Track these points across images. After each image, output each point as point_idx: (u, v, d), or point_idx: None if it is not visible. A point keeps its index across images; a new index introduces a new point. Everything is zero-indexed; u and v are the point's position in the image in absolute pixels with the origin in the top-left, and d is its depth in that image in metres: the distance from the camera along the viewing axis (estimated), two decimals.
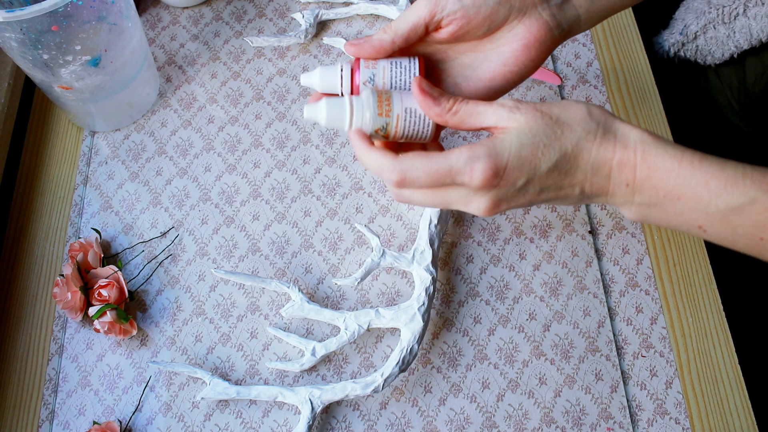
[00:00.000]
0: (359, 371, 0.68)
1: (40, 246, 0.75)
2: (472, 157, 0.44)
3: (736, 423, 0.66)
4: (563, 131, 0.45)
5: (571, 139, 0.45)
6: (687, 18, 0.97)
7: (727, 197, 0.44)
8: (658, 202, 0.45)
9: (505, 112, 0.46)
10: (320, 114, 0.49)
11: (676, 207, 0.45)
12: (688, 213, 0.45)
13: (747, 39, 0.91)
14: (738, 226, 0.44)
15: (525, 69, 0.52)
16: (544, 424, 0.65)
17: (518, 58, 0.51)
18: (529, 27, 0.51)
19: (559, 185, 0.46)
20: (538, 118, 0.45)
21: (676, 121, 0.84)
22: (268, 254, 0.73)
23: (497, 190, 0.45)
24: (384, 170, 0.47)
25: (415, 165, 0.46)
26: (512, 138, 0.45)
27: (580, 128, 0.45)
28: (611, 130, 0.46)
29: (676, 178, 0.44)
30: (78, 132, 0.82)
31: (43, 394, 0.67)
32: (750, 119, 1.01)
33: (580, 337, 0.69)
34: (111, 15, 0.68)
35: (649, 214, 0.46)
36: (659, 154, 0.45)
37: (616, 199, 0.46)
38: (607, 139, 0.45)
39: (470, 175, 0.44)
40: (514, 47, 0.51)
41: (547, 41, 0.51)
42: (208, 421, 0.65)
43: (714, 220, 0.44)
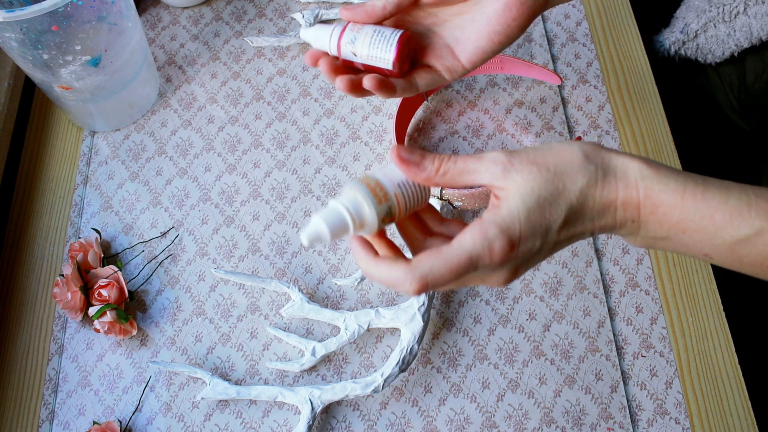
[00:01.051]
0: (359, 371, 0.68)
1: (40, 246, 0.75)
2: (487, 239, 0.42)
3: (736, 423, 0.66)
4: (564, 184, 0.44)
5: (574, 190, 0.44)
6: (688, 16, 0.97)
7: (733, 230, 0.43)
8: (663, 236, 0.45)
9: (499, 170, 0.44)
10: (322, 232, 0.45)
11: (681, 239, 0.44)
12: (694, 245, 0.44)
13: (747, 37, 0.91)
14: (745, 255, 0.44)
15: (509, 29, 0.53)
16: (544, 424, 0.65)
17: (500, 17, 0.52)
18: None
19: (570, 237, 0.45)
20: (535, 175, 0.44)
21: (676, 119, 0.84)
22: (268, 254, 0.73)
23: (515, 261, 0.44)
24: (401, 282, 0.43)
25: (434, 267, 0.42)
26: (517, 204, 0.43)
27: (581, 176, 0.44)
28: (610, 169, 0.45)
29: (680, 213, 0.43)
30: (78, 132, 0.82)
31: (43, 394, 0.67)
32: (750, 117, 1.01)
33: (580, 337, 0.69)
34: (111, 15, 0.68)
35: (655, 244, 0.46)
36: (661, 190, 0.44)
37: (622, 232, 0.46)
38: (608, 181, 0.44)
39: (490, 257, 0.42)
40: (496, 7, 0.52)
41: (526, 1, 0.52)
42: (208, 421, 0.65)
43: (720, 251, 0.44)
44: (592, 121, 0.80)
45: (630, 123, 0.80)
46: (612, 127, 0.80)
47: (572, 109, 0.81)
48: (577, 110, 0.81)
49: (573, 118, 0.81)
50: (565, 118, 0.80)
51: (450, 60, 0.55)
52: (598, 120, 0.80)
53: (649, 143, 0.79)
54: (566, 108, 0.81)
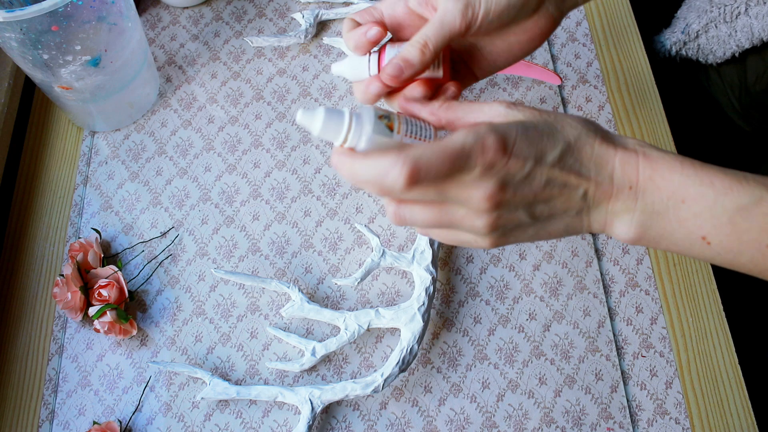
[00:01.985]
0: (359, 371, 0.68)
1: (40, 246, 0.75)
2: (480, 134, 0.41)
3: (736, 423, 0.66)
4: (563, 126, 0.44)
5: (572, 133, 0.44)
6: (689, 17, 0.97)
7: (734, 196, 0.42)
8: (661, 208, 0.44)
9: (502, 108, 0.45)
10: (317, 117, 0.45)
11: (679, 213, 0.43)
12: (692, 219, 0.43)
13: (749, 38, 0.91)
14: (744, 231, 0.43)
15: (526, 54, 0.55)
16: (544, 424, 0.65)
17: (522, 47, 0.54)
18: (537, 22, 0.53)
19: (563, 181, 0.44)
20: (536, 114, 0.45)
21: (677, 120, 0.84)
22: (268, 254, 0.73)
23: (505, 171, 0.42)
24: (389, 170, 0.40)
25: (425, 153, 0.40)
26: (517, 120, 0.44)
27: (580, 126, 0.45)
28: (609, 134, 0.45)
29: (680, 176, 0.43)
30: (78, 132, 0.82)
31: (43, 394, 0.67)
32: (751, 118, 1.01)
33: (580, 337, 0.69)
34: (111, 15, 0.68)
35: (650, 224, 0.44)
36: (659, 156, 0.44)
37: (617, 206, 0.45)
38: (606, 140, 0.45)
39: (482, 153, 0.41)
40: (521, 38, 0.53)
41: (550, 30, 0.54)
42: (208, 421, 0.65)
43: (719, 224, 0.43)
44: None
45: (630, 123, 0.80)
46: (612, 127, 0.80)
47: (572, 109, 0.81)
48: (577, 110, 0.81)
49: None
50: None
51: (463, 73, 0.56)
52: (598, 120, 0.80)
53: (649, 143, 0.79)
54: (566, 108, 0.81)
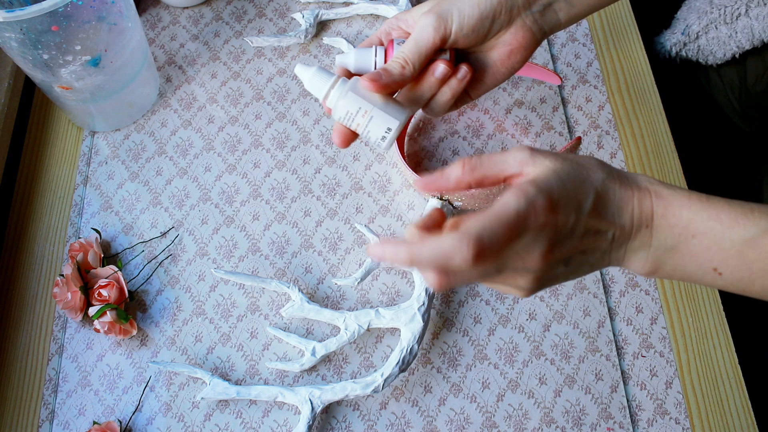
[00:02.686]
0: (359, 371, 0.68)
1: (40, 246, 0.75)
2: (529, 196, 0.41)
3: (736, 423, 0.66)
4: (588, 173, 0.45)
5: (597, 179, 0.45)
6: (689, 18, 0.97)
7: (740, 229, 0.44)
8: (673, 244, 0.45)
9: (526, 155, 0.45)
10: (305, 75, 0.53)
11: (690, 247, 0.45)
12: (703, 252, 0.45)
13: (749, 39, 0.91)
14: (754, 261, 0.44)
15: (510, 70, 0.57)
16: (544, 424, 0.65)
17: (504, 62, 0.56)
18: (515, 34, 0.55)
19: (596, 229, 0.45)
20: (561, 161, 0.45)
21: (677, 120, 0.84)
22: (268, 254, 0.73)
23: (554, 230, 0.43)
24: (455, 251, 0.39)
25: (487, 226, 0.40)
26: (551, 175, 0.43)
27: (600, 171, 0.45)
28: (622, 173, 0.47)
29: (689, 213, 0.44)
30: (78, 132, 0.82)
31: (43, 394, 0.67)
32: (751, 119, 1.01)
33: (580, 337, 0.69)
34: (111, 15, 0.68)
35: (664, 259, 0.46)
36: (669, 192, 0.45)
37: (635, 244, 0.46)
38: (623, 182, 0.46)
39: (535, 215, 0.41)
40: (501, 52, 0.56)
41: (530, 45, 0.56)
42: (208, 421, 0.65)
43: (729, 256, 0.44)
44: (592, 121, 0.80)
45: (630, 123, 0.80)
46: (612, 127, 0.80)
47: (572, 109, 0.81)
48: (577, 110, 0.81)
49: (573, 118, 0.81)
50: (565, 118, 0.80)
51: None
52: (598, 120, 0.80)
53: (649, 143, 0.79)
54: (566, 108, 0.81)
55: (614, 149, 0.78)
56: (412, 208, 0.75)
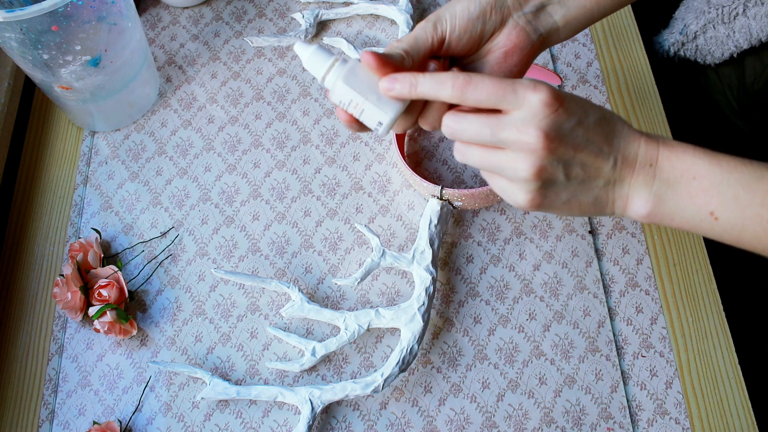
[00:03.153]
0: (359, 371, 0.68)
1: (40, 246, 0.75)
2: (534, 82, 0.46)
3: (736, 423, 0.66)
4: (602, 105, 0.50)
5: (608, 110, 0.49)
6: (687, 17, 0.97)
7: (738, 173, 0.47)
8: (674, 182, 0.48)
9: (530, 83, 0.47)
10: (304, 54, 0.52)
11: (690, 188, 0.48)
12: (702, 195, 0.48)
13: (747, 39, 0.91)
14: (747, 206, 0.47)
15: (510, 74, 0.56)
16: (544, 424, 0.65)
17: (501, 64, 0.56)
18: (508, 35, 0.55)
19: (599, 147, 0.48)
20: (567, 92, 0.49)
21: (676, 120, 0.84)
22: (268, 254, 0.73)
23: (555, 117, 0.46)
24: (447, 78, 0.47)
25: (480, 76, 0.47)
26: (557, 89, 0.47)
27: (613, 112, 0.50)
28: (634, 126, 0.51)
29: (692, 157, 0.48)
30: (78, 132, 0.82)
31: (43, 394, 0.67)
32: (749, 118, 1.01)
33: (580, 337, 0.69)
34: (111, 15, 0.68)
35: (665, 198, 0.49)
36: (677, 143, 0.49)
37: (638, 181, 0.49)
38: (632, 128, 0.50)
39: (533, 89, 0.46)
40: (497, 55, 0.55)
41: (526, 46, 0.55)
42: (208, 421, 0.65)
43: (725, 200, 0.47)
44: None
45: (630, 123, 0.80)
46: None
47: None
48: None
49: None
50: None
51: None
52: None
53: None
54: None
55: None
56: (412, 208, 0.75)
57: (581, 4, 0.56)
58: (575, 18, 0.57)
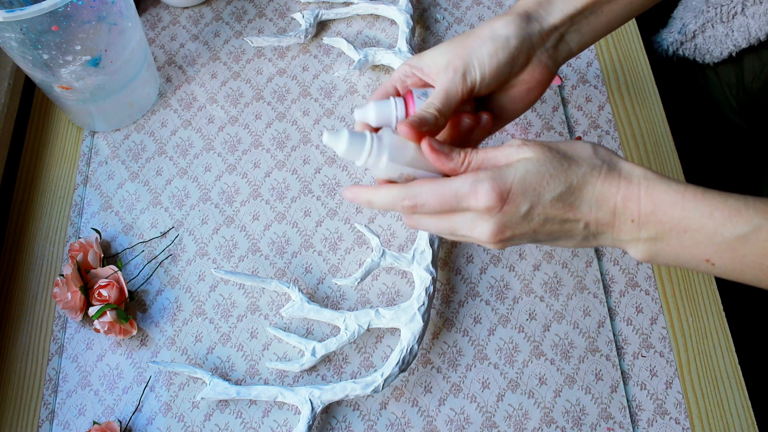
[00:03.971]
0: (359, 371, 0.68)
1: (40, 246, 0.75)
2: (476, 180, 0.47)
3: (736, 423, 0.66)
4: (569, 165, 0.47)
5: (576, 172, 0.47)
6: (685, 17, 0.97)
7: (732, 227, 0.45)
8: (664, 236, 0.46)
9: (513, 149, 0.48)
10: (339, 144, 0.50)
11: (682, 240, 0.46)
12: (695, 246, 0.46)
13: (745, 38, 0.91)
14: (745, 255, 0.45)
15: (528, 104, 0.58)
16: (544, 424, 0.65)
17: (523, 98, 0.57)
18: (532, 73, 0.55)
19: (563, 218, 0.48)
20: (545, 151, 0.48)
21: (676, 119, 0.84)
22: (268, 254, 0.73)
23: (501, 215, 0.47)
24: (396, 200, 0.49)
25: (424, 190, 0.48)
26: (518, 166, 0.47)
27: (586, 164, 0.47)
28: (616, 167, 0.48)
29: (681, 210, 0.45)
30: (78, 132, 0.82)
31: (43, 394, 0.67)
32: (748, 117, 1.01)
33: (580, 337, 0.69)
34: (111, 15, 0.68)
35: (657, 250, 0.48)
36: (663, 189, 0.46)
37: (622, 236, 0.48)
38: (611, 175, 0.47)
39: (475, 196, 0.47)
40: (519, 90, 0.56)
41: (547, 80, 0.57)
42: (208, 421, 0.65)
43: (721, 250, 0.46)
44: (592, 121, 0.80)
45: (630, 123, 0.80)
46: (612, 127, 0.80)
47: (572, 109, 0.81)
48: (577, 110, 0.81)
49: (573, 118, 0.81)
50: (565, 118, 0.80)
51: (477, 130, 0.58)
52: (598, 120, 0.80)
53: (649, 143, 0.79)
54: (566, 108, 0.81)
55: (614, 149, 0.78)
56: None
57: (594, 29, 0.57)
58: (586, 42, 0.58)
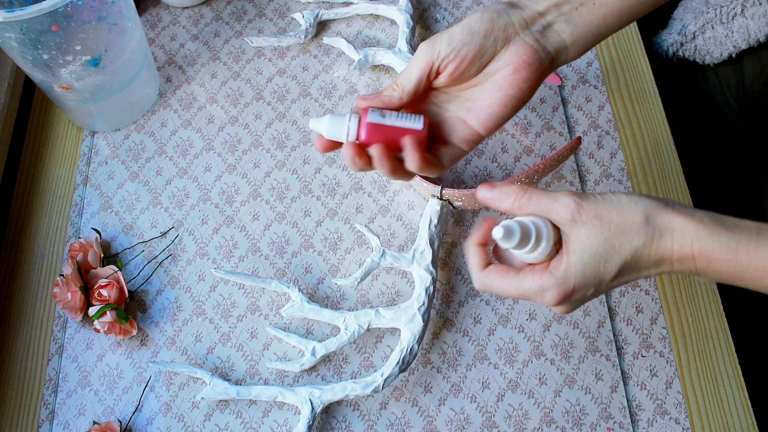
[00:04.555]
0: (359, 371, 0.68)
1: (40, 246, 0.75)
2: (542, 286, 0.49)
3: (736, 423, 0.66)
4: (621, 243, 0.48)
5: (629, 248, 0.48)
6: (685, 18, 0.97)
7: None
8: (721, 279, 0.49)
9: (568, 217, 0.49)
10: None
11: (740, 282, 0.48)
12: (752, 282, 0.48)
13: (745, 39, 0.92)
14: None
15: (520, 92, 0.55)
16: (544, 424, 0.65)
17: (511, 81, 0.55)
18: (516, 51, 0.54)
19: (625, 282, 0.50)
20: (597, 231, 0.48)
21: (676, 120, 0.84)
22: (268, 254, 0.73)
23: (569, 303, 0.51)
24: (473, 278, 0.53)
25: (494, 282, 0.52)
26: (576, 261, 0.49)
27: (638, 237, 0.48)
28: (668, 230, 0.48)
29: (735, 266, 0.47)
30: (78, 132, 0.82)
31: (43, 394, 0.67)
32: (748, 118, 1.01)
33: (580, 337, 0.69)
34: (111, 15, 0.68)
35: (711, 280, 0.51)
36: (715, 249, 0.47)
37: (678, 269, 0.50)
38: (664, 241, 0.48)
39: (542, 299, 0.50)
40: (505, 72, 0.55)
41: (534, 63, 0.54)
42: (208, 421, 0.65)
43: None
44: (592, 121, 0.80)
45: (630, 123, 0.80)
46: (612, 127, 0.80)
47: (572, 109, 0.81)
48: (577, 110, 0.81)
49: (573, 118, 0.81)
50: (565, 118, 0.80)
51: (464, 130, 0.57)
52: (598, 120, 0.80)
53: (649, 143, 0.79)
54: (566, 108, 0.81)
55: (614, 149, 0.78)
56: (412, 208, 0.75)
57: (588, 22, 0.56)
58: (583, 36, 0.56)
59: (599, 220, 0.48)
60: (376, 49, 0.82)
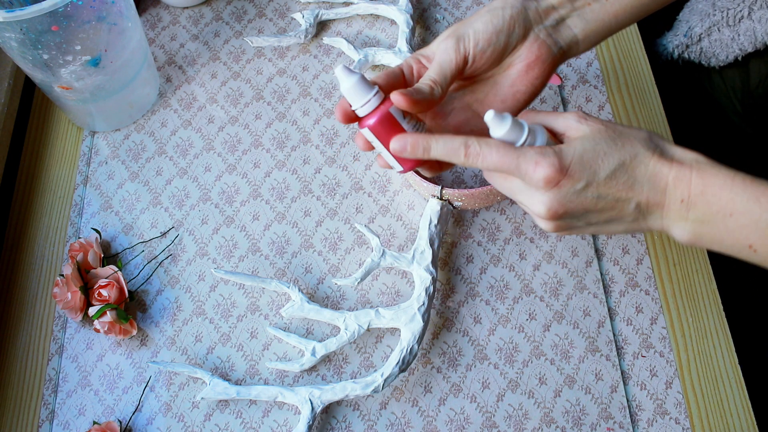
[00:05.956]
0: (359, 371, 0.67)
1: (40, 246, 0.75)
2: (541, 152, 0.48)
3: (736, 423, 0.66)
4: (623, 144, 0.49)
5: (630, 151, 0.49)
6: (691, 20, 0.97)
7: None
8: (710, 219, 0.48)
9: (572, 122, 0.50)
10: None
11: (728, 224, 0.47)
12: (739, 230, 0.47)
13: (751, 42, 0.91)
14: None
15: (532, 87, 0.56)
16: (544, 424, 0.65)
17: (523, 78, 0.56)
18: (530, 47, 0.55)
19: (616, 196, 0.49)
20: (602, 129, 0.50)
21: (679, 122, 0.84)
22: (268, 254, 0.73)
23: (558, 190, 0.49)
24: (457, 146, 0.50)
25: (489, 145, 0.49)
26: (576, 144, 0.49)
27: (640, 145, 0.49)
28: (669, 151, 0.49)
29: (729, 193, 0.47)
30: (78, 132, 0.82)
31: (43, 394, 0.67)
32: (753, 121, 1.01)
33: (580, 337, 0.69)
34: (111, 15, 0.68)
35: (702, 233, 0.49)
36: (713, 172, 0.48)
37: (670, 215, 0.49)
38: (665, 158, 0.49)
39: (534, 167, 0.48)
40: (519, 68, 0.56)
41: (547, 59, 0.55)
42: (208, 421, 0.65)
43: (764, 235, 0.47)
44: None
45: (630, 123, 0.80)
46: None
47: (572, 108, 0.81)
48: (577, 110, 0.81)
49: None
50: None
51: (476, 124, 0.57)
52: None
53: None
54: (566, 108, 0.81)
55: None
56: (412, 208, 0.75)
57: (599, 18, 0.56)
58: (594, 31, 0.57)
59: (604, 125, 0.50)
60: (376, 49, 0.82)
